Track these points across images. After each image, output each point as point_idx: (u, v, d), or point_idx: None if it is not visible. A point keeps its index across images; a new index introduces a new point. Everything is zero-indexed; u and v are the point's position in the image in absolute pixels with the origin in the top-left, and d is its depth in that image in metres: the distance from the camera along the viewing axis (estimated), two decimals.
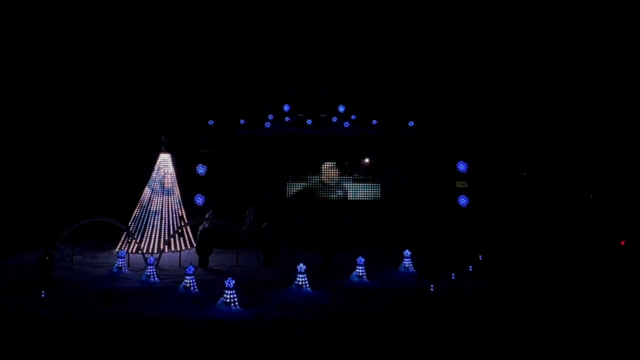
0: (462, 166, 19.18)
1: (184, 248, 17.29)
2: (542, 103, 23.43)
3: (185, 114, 21.94)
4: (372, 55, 25.09)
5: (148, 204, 17.47)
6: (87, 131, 21.91)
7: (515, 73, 24.36)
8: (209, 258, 15.15)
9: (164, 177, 17.43)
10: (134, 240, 16.36)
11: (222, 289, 10.69)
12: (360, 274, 13.34)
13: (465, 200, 18.92)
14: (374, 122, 21.15)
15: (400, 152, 20.46)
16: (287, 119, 21.92)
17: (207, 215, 17.17)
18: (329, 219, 16.56)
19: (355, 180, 21.04)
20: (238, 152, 20.62)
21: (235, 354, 8.78)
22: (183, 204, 18.38)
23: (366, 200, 20.85)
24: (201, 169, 19.39)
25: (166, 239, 16.78)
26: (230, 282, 10.56)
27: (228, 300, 10.44)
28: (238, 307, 10.40)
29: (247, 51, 25.26)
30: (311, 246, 17.37)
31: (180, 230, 17.20)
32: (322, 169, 21.08)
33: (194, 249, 15.88)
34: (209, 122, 20.59)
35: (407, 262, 14.58)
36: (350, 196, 20.95)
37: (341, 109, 22.58)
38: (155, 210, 17.35)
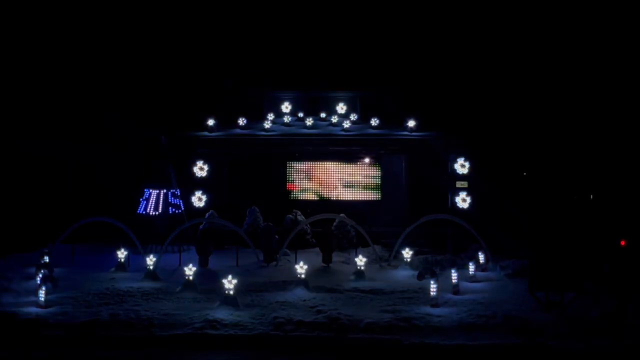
0: (462, 166, 19.13)
1: (183, 248, 17.24)
2: (543, 103, 23.44)
3: (184, 114, 21.90)
4: (373, 55, 25.09)
5: (148, 203, 17.46)
6: (87, 131, 21.88)
7: (517, 73, 24.37)
8: (209, 258, 15.13)
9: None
10: (133, 240, 16.30)
11: (222, 289, 10.68)
12: (361, 274, 13.33)
13: (465, 200, 18.88)
14: (375, 121, 21.09)
15: (401, 151, 20.41)
16: (287, 118, 21.86)
17: (207, 215, 17.15)
18: (328, 219, 16.53)
19: (355, 180, 20.99)
20: (238, 151, 20.57)
21: (235, 353, 8.78)
22: (182, 203, 18.37)
23: (366, 200, 20.82)
24: (200, 169, 19.35)
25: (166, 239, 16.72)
26: (230, 282, 10.55)
27: (227, 300, 10.43)
28: (238, 307, 10.39)
29: (248, 50, 25.27)
30: (311, 246, 17.40)
31: (180, 230, 17.14)
32: (322, 168, 21.05)
33: (194, 249, 15.85)
34: (209, 122, 20.53)
35: (407, 262, 14.57)
36: (349, 196, 20.91)
37: (342, 108, 22.52)
38: (155, 210, 17.34)
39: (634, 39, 23.45)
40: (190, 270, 12.11)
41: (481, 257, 14.58)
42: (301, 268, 12.22)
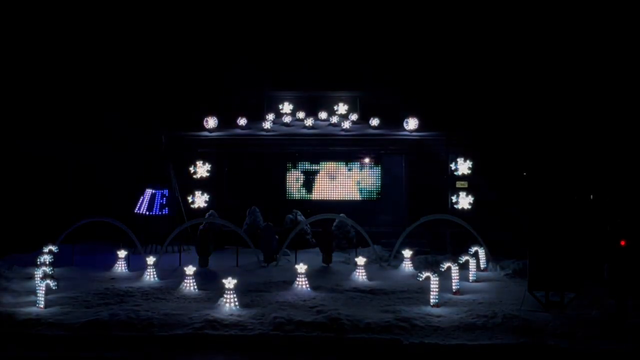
0: (462, 166, 19.14)
1: (183, 248, 17.24)
2: (543, 104, 23.43)
3: (184, 114, 21.89)
4: (372, 55, 25.06)
5: (148, 204, 17.46)
6: (87, 131, 21.88)
7: (516, 73, 24.36)
8: (209, 258, 15.14)
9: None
10: (134, 241, 16.31)
11: (222, 289, 10.68)
12: (361, 274, 13.33)
13: (465, 200, 18.91)
14: (375, 121, 21.08)
15: (401, 151, 20.40)
16: (287, 118, 21.85)
17: (207, 215, 17.15)
18: (328, 219, 16.53)
19: (355, 180, 20.98)
20: (238, 152, 20.57)
21: (234, 354, 8.79)
22: (183, 204, 18.37)
23: (366, 200, 20.82)
24: (200, 169, 19.36)
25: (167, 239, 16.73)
26: (230, 282, 10.55)
27: (228, 300, 10.43)
28: (238, 307, 10.39)
29: (248, 50, 25.24)
30: (311, 246, 17.40)
31: (180, 230, 17.15)
32: (322, 168, 21.03)
33: (194, 249, 15.85)
34: (209, 122, 20.51)
35: (407, 262, 14.58)
36: (349, 196, 20.90)
37: (342, 108, 22.53)
38: (155, 210, 17.34)
39: (634, 39, 23.45)
40: (190, 270, 12.11)
41: (481, 257, 14.58)
42: (301, 268, 12.21)
